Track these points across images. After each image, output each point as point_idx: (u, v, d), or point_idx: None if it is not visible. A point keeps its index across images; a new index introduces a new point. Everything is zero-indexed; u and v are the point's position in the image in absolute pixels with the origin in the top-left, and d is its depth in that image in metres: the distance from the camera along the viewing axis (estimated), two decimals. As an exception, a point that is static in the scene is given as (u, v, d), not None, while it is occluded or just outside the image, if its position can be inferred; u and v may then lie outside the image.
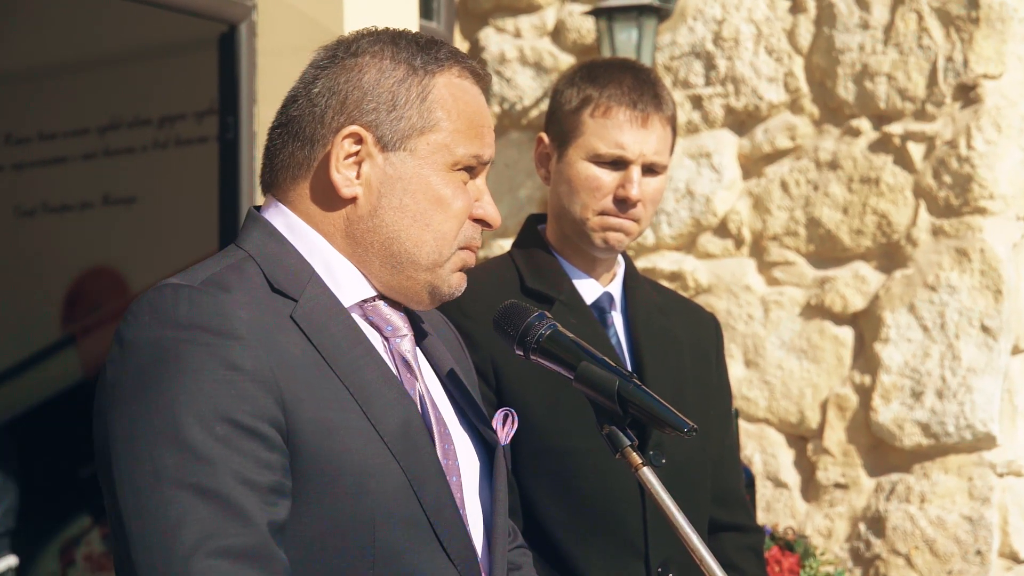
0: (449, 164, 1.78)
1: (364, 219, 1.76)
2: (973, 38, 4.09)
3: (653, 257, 4.49)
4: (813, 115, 4.31)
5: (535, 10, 4.70)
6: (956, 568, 4.02)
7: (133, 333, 1.63)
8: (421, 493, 1.68)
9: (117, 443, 1.60)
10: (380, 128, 1.75)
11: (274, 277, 1.72)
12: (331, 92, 1.76)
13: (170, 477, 1.56)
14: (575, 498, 2.60)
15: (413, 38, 1.81)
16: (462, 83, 1.80)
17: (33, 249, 5.78)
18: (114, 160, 5.68)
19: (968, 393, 4.02)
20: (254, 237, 1.77)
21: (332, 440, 1.65)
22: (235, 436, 1.58)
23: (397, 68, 1.77)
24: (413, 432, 1.72)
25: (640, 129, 2.65)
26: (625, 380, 1.84)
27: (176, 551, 1.53)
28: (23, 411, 5.65)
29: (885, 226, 4.18)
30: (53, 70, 5.71)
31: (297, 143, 1.78)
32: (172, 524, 1.54)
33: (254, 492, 1.57)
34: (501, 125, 4.73)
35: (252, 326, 1.64)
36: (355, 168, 1.76)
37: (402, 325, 1.82)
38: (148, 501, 1.56)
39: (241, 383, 1.60)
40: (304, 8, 4.05)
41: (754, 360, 4.30)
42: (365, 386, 1.70)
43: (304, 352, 1.67)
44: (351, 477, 1.65)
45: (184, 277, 1.69)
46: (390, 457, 1.67)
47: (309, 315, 1.70)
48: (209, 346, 1.61)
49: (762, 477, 4.29)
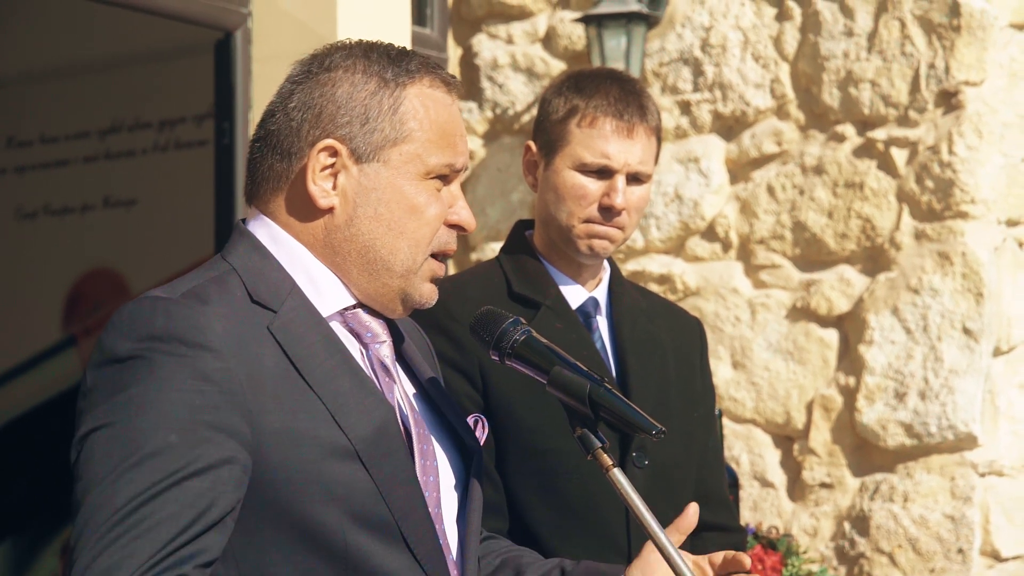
0: (422, 173, 1.83)
1: (341, 228, 1.82)
2: (955, 46, 4.15)
3: (642, 260, 4.55)
4: (799, 121, 4.38)
5: (527, 17, 4.76)
6: (938, 566, 4.08)
7: (111, 342, 1.70)
8: (389, 498, 1.74)
9: (84, 443, 1.67)
10: (354, 141, 1.81)
11: (255, 289, 1.78)
12: (306, 106, 1.82)
13: (124, 479, 1.62)
14: (559, 497, 2.65)
15: (385, 50, 1.86)
16: (433, 93, 1.85)
17: (35, 251, 5.83)
18: (114, 163, 5.72)
19: (950, 394, 4.08)
20: (239, 251, 1.83)
21: (299, 449, 1.71)
22: (186, 447, 1.64)
23: (369, 81, 1.82)
24: (388, 437, 1.78)
25: (625, 139, 2.70)
26: (596, 384, 1.90)
27: (115, 556, 1.60)
28: (24, 411, 5.71)
29: (869, 230, 4.24)
30: (54, 74, 5.76)
31: (276, 156, 1.84)
32: (114, 526, 1.61)
33: (192, 502, 1.63)
34: (493, 130, 4.79)
35: (226, 338, 1.70)
36: (331, 179, 1.82)
37: (381, 332, 1.88)
38: (98, 498, 1.63)
39: (208, 393, 1.66)
40: (298, 15, 4.11)
41: (741, 362, 4.37)
42: (338, 395, 1.75)
43: (277, 363, 1.73)
44: (318, 485, 1.71)
45: (166, 290, 1.76)
46: (358, 464, 1.73)
47: (287, 326, 1.76)
48: (181, 357, 1.67)
49: (749, 477, 4.36)
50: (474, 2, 4.81)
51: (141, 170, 5.64)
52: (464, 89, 4.86)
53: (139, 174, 5.64)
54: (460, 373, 2.63)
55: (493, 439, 2.65)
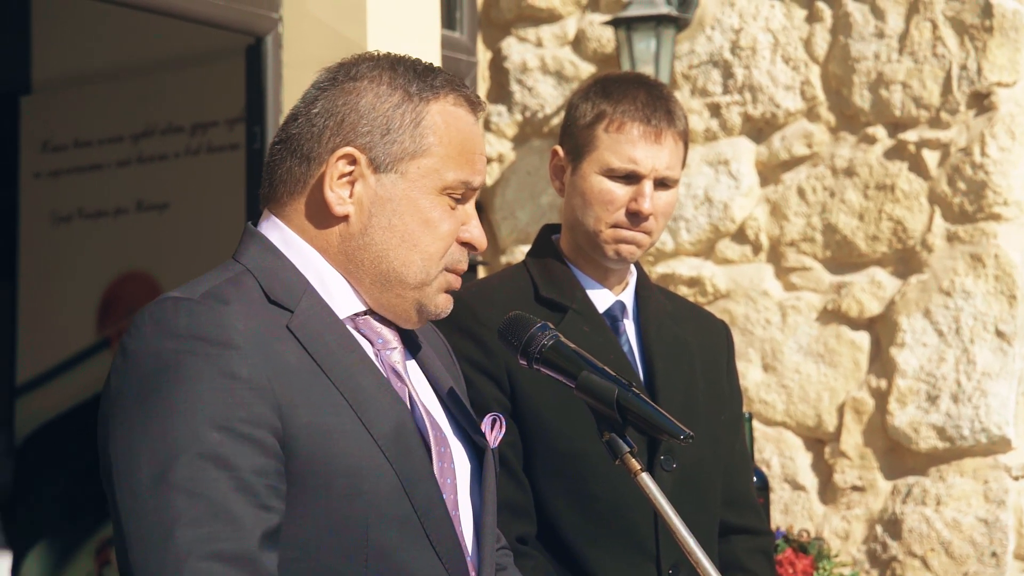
0: (438, 188, 1.85)
1: (355, 237, 1.84)
2: (987, 46, 4.13)
3: (672, 263, 4.55)
4: (829, 123, 4.36)
5: (556, 20, 4.76)
6: (972, 570, 4.06)
7: (135, 344, 1.71)
8: (413, 494, 1.76)
9: (117, 448, 1.68)
10: (373, 150, 1.83)
11: (271, 289, 1.80)
12: (329, 113, 1.84)
13: (167, 482, 1.63)
14: (587, 501, 2.66)
15: (411, 64, 1.88)
16: (456, 111, 1.87)
17: (69, 254, 5.87)
18: (148, 167, 5.75)
19: (983, 397, 4.06)
20: (251, 252, 1.85)
21: (327, 444, 1.72)
22: (230, 442, 1.65)
23: (393, 93, 1.84)
24: (405, 435, 1.79)
25: (653, 144, 2.71)
26: (624, 389, 1.90)
27: (170, 552, 1.60)
28: (60, 413, 5.76)
29: (900, 232, 4.22)
30: (88, 79, 5.81)
31: (295, 160, 1.86)
32: (167, 527, 1.61)
33: (248, 498, 1.64)
34: (523, 133, 4.79)
35: (249, 336, 1.71)
36: (348, 187, 1.84)
37: (391, 338, 1.89)
38: (145, 504, 1.63)
39: (238, 391, 1.68)
40: (329, 20, 4.13)
41: (772, 364, 4.36)
42: (359, 391, 1.77)
43: (300, 360, 1.75)
44: (345, 479, 1.72)
45: (185, 291, 1.77)
46: (383, 459, 1.75)
47: (305, 325, 1.78)
48: (208, 356, 1.68)
49: (780, 480, 4.35)
50: (503, 5, 4.81)
51: (174, 174, 5.67)
52: (494, 92, 4.89)
53: (172, 178, 5.67)
54: (488, 377, 2.63)
55: (521, 442, 2.65)
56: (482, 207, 4.79)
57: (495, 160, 4.81)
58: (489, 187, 4.80)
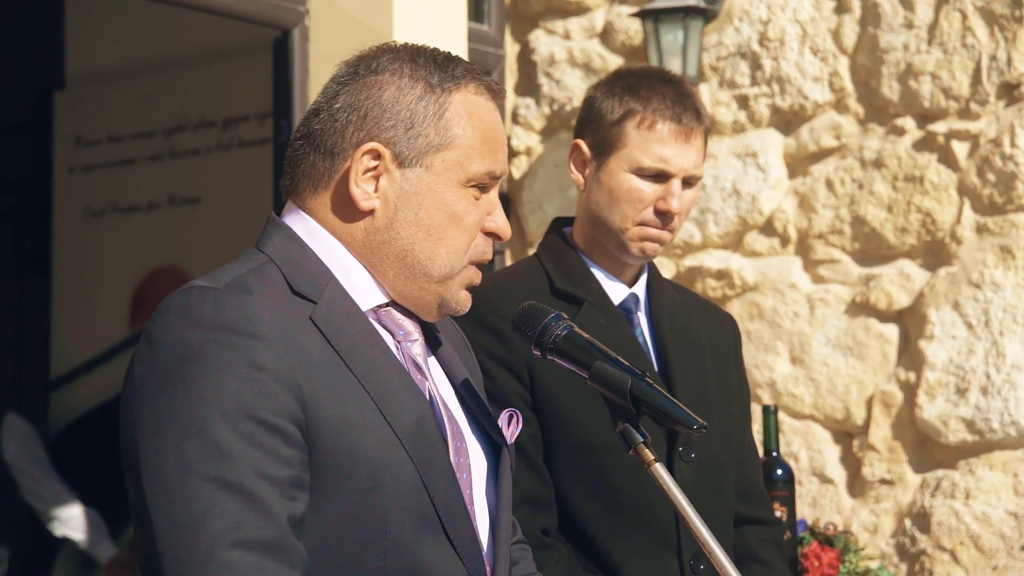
0: (463, 180, 1.85)
1: (381, 231, 1.84)
2: (1017, 37, 4.09)
3: (700, 255, 4.54)
4: (858, 114, 4.34)
5: (584, 12, 4.76)
6: (1001, 563, 4.03)
7: (161, 333, 1.72)
8: (432, 488, 1.76)
9: (144, 438, 1.68)
10: (398, 145, 1.83)
11: (294, 280, 1.81)
12: (352, 108, 1.84)
13: (195, 471, 1.63)
14: (608, 492, 2.66)
15: (431, 55, 1.88)
16: (478, 100, 1.87)
17: (102, 249, 5.91)
18: (179, 161, 5.78)
19: (1013, 390, 4.03)
20: (275, 242, 1.86)
21: (349, 435, 1.72)
22: (257, 433, 1.66)
23: (415, 86, 1.84)
24: (425, 429, 1.79)
25: (683, 143, 2.71)
26: (638, 379, 1.90)
27: (201, 541, 1.61)
28: (94, 407, 5.80)
29: (929, 224, 4.19)
30: (120, 74, 5.84)
31: (318, 155, 1.86)
32: (197, 515, 1.62)
33: (275, 487, 1.65)
34: (551, 126, 4.79)
35: (274, 327, 1.72)
36: (373, 182, 1.84)
37: (413, 330, 1.89)
38: (174, 493, 1.64)
39: (264, 381, 1.68)
40: (355, 13, 4.14)
41: (800, 357, 4.34)
42: (381, 384, 1.78)
43: (323, 352, 1.75)
44: (366, 471, 1.72)
45: (209, 280, 1.77)
46: (403, 453, 1.75)
47: (328, 316, 1.78)
48: (233, 346, 1.68)
49: (808, 473, 4.33)
50: (531, -2, 4.81)
51: (205, 168, 5.70)
52: (521, 85, 4.88)
53: (203, 172, 5.70)
54: (508, 370, 2.64)
55: (541, 435, 2.66)
56: (509, 200, 4.79)
57: (523, 153, 4.80)
58: (517, 180, 4.80)
